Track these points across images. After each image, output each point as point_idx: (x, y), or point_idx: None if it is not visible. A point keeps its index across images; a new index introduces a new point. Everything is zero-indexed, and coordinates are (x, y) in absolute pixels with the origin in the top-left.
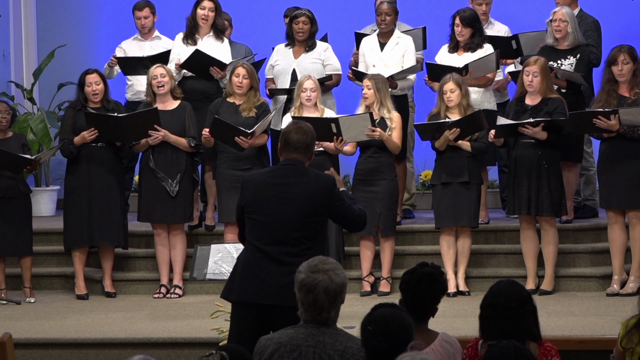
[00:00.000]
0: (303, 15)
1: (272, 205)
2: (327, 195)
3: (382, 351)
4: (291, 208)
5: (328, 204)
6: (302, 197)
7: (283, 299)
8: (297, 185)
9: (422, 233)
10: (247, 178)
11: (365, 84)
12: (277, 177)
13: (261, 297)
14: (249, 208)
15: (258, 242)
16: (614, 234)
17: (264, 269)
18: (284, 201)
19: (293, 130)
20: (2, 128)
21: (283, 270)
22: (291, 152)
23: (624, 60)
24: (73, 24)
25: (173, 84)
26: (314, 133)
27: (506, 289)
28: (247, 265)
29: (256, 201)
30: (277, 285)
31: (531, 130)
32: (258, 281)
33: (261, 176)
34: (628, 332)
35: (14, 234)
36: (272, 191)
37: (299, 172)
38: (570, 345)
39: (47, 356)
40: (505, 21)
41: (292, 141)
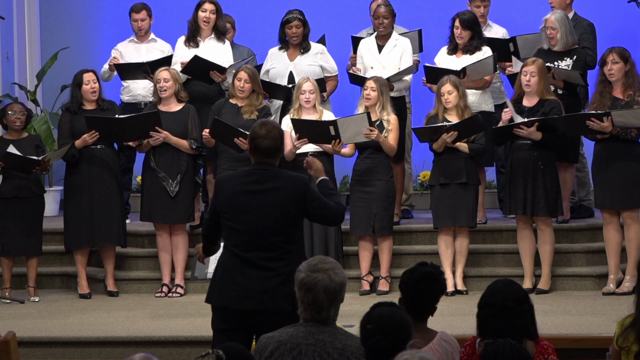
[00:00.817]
0: (295, 20)
1: (249, 213)
2: (302, 197)
3: (382, 349)
4: (268, 214)
5: (304, 205)
6: (278, 202)
7: (264, 304)
8: (273, 191)
9: (420, 233)
10: (220, 182)
11: (370, 85)
12: (252, 183)
13: (242, 302)
14: (225, 215)
15: (236, 249)
16: (609, 234)
17: (244, 275)
18: (261, 208)
19: (262, 136)
20: (16, 128)
21: (263, 275)
22: (262, 157)
23: (613, 60)
24: (76, 27)
25: (177, 87)
26: (282, 132)
27: (503, 288)
28: (227, 271)
29: (232, 208)
30: (258, 290)
31: (526, 131)
32: (238, 287)
33: (235, 182)
34: (624, 331)
35: (24, 234)
36: (248, 199)
37: (273, 176)
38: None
39: (50, 354)
40: (503, 23)
41: (263, 148)
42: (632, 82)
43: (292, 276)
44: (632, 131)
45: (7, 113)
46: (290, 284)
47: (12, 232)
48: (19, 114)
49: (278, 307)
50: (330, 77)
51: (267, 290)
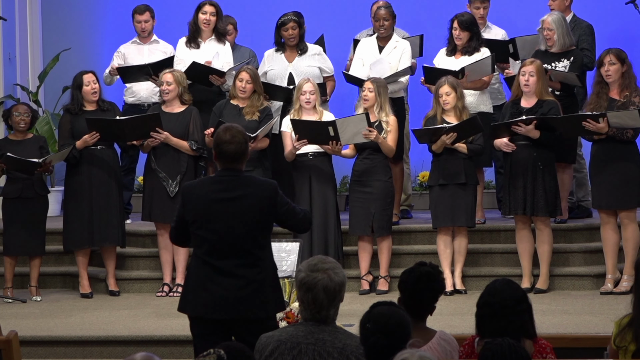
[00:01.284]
0: (291, 21)
1: (220, 221)
2: (272, 203)
3: (381, 348)
4: (239, 222)
5: (274, 211)
6: (248, 209)
7: (240, 313)
8: (242, 198)
9: (419, 233)
10: (188, 191)
11: (367, 86)
12: (220, 191)
13: (217, 312)
14: (194, 224)
15: (207, 257)
16: (607, 233)
17: (217, 284)
18: (231, 216)
19: (227, 141)
20: (20, 129)
21: (237, 284)
22: (228, 163)
23: (610, 61)
24: (77, 28)
25: (180, 90)
26: (246, 137)
27: (502, 287)
28: (199, 280)
29: (202, 218)
30: (233, 299)
31: (524, 129)
32: (212, 296)
33: (203, 190)
34: (621, 330)
35: (28, 234)
36: (218, 207)
37: (242, 182)
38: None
39: (52, 353)
40: (502, 25)
41: (228, 153)
42: (628, 83)
43: (266, 283)
44: (628, 132)
45: (13, 114)
46: (264, 291)
47: (16, 232)
48: (24, 115)
49: (254, 315)
50: (328, 77)
51: (242, 298)
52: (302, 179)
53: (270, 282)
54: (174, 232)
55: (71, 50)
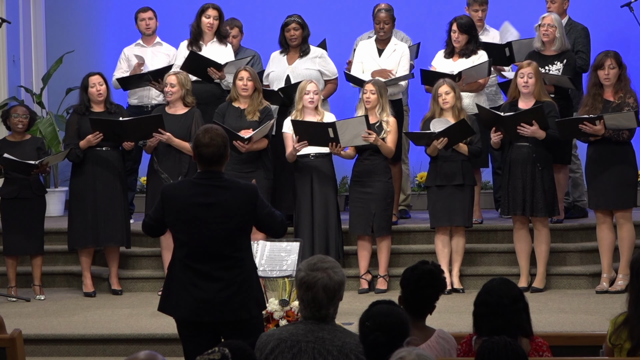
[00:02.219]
0: (293, 22)
1: (200, 225)
2: (251, 206)
3: (380, 346)
4: (219, 226)
5: (254, 214)
6: (228, 213)
7: (223, 315)
8: (222, 202)
9: (417, 232)
10: (167, 194)
11: (369, 88)
12: (199, 195)
13: (200, 315)
14: (174, 227)
15: (188, 260)
16: (603, 233)
17: (198, 287)
18: (211, 220)
19: (205, 144)
20: (18, 131)
21: (218, 286)
22: (206, 165)
23: (610, 65)
24: (81, 31)
25: (184, 92)
26: (226, 138)
27: (499, 286)
28: (180, 284)
29: (181, 222)
30: (215, 302)
31: (530, 130)
32: (194, 300)
33: (183, 193)
34: (616, 329)
35: (26, 233)
36: (198, 211)
37: (222, 186)
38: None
39: (55, 351)
40: (500, 27)
41: (206, 155)
42: (623, 85)
43: (246, 284)
44: (624, 133)
45: (11, 115)
46: (245, 291)
47: (14, 232)
48: (22, 117)
49: (236, 316)
50: (330, 80)
51: (224, 301)
52: (303, 179)
53: (251, 283)
54: (147, 227)
55: (74, 53)
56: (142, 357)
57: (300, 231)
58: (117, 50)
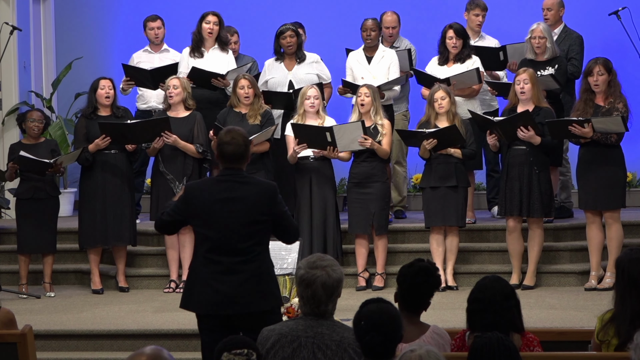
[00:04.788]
0: (288, 30)
1: (221, 220)
2: (269, 201)
3: (376, 345)
4: (239, 220)
5: (272, 211)
6: (248, 208)
7: (242, 307)
8: (242, 198)
9: (413, 232)
10: (191, 190)
11: (364, 91)
12: (221, 191)
13: (220, 308)
14: (195, 222)
15: (209, 254)
16: (592, 233)
17: (218, 281)
18: (232, 214)
19: (226, 142)
20: (34, 135)
21: (237, 279)
22: (228, 162)
23: (599, 72)
24: (89, 38)
25: (185, 95)
26: (247, 138)
27: (491, 284)
28: (201, 278)
29: (203, 217)
30: (236, 295)
31: (527, 134)
32: (214, 293)
33: (206, 190)
34: (604, 325)
35: (40, 232)
36: (220, 206)
37: (242, 182)
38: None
39: (65, 346)
40: (495, 35)
41: (227, 153)
42: (613, 90)
43: (266, 276)
44: (612, 136)
45: (27, 120)
46: (265, 283)
47: (28, 230)
48: (38, 122)
49: (257, 308)
50: (326, 84)
51: (244, 294)
52: (303, 180)
53: (270, 276)
54: (163, 224)
55: (83, 59)
56: (148, 352)
57: (300, 230)
58: (125, 56)
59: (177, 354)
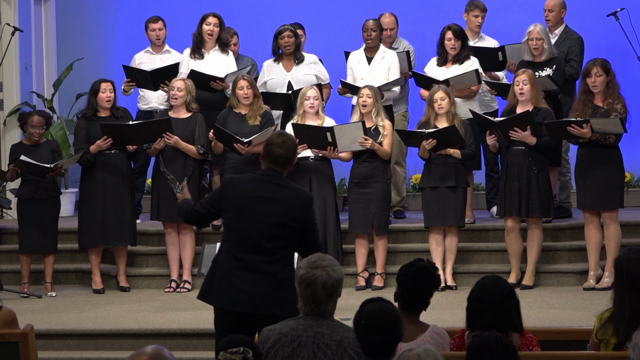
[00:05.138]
0: (286, 30)
1: (251, 217)
2: (302, 210)
3: (377, 344)
4: (268, 221)
5: (302, 219)
6: (279, 211)
7: (257, 308)
8: (277, 200)
9: (413, 232)
10: (229, 183)
11: (365, 92)
12: (257, 189)
13: (236, 305)
14: (226, 215)
15: (234, 250)
16: (590, 233)
17: (240, 278)
18: (263, 214)
19: (277, 144)
20: (34, 141)
21: (258, 279)
22: (272, 164)
23: (597, 73)
24: (90, 39)
25: (189, 98)
26: (296, 145)
27: (491, 284)
28: (223, 273)
29: (236, 209)
30: (253, 294)
31: (521, 134)
32: (234, 289)
33: (244, 185)
34: (602, 325)
35: (41, 232)
36: (253, 203)
37: (280, 185)
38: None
39: (66, 346)
40: (494, 36)
41: (274, 155)
42: (611, 91)
43: (287, 281)
44: (610, 137)
45: (28, 126)
46: (284, 288)
47: (30, 230)
48: (39, 128)
49: (270, 311)
50: (324, 85)
51: (261, 294)
52: (303, 180)
53: (291, 282)
54: (196, 215)
55: (84, 60)
56: (149, 351)
57: None
58: (126, 57)
59: (178, 354)
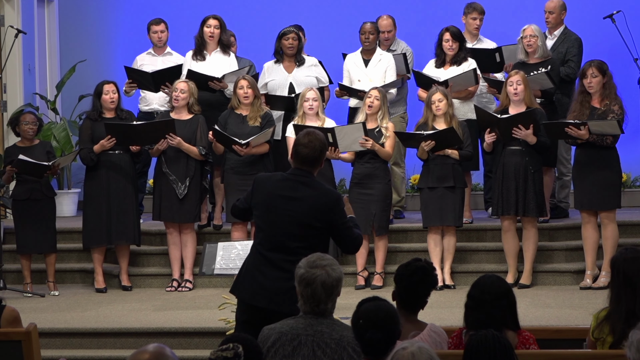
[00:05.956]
0: (292, 32)
1: (277, 216)
2: (328, 211)
3: (376, 342)
4: (293, 221)
5: (328, 219)
6: (305, 211)
7: (274, 304)
8: (302, 199)
9: (411, 232)
10: (260, 181)
11: (374, 94)
12: (285, 188)
13: (255, 299)
14: (256, 211)
15: (260, 247)
16: (587, 232)
17: (262, 273)
18: (288, 213)
19: (303, 144)
20: (28, 137)
21: (279, 276)
22: (299, 163)
23: (593, 74)
24: (92, 41)
25: (192, 100)
26: (324, 144)
27: (487, 282)
28: (249, 268)
29: (263, 208)
30: (271, 290)
31: (523, 132)
32: (255, 284)
33: (272, 184)
34: (599, 323)
35: (39, 233)
36: (279, 201)
37: (307, 184)
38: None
39: (69, 344)
40: (493, 38)
41: (301, 155)
42: (608, 92)
43: None
44: (607, 139)
45: (21, 123)
46: None
47: (27, 231)
48: (31, 124)
49: (286, 309)
50: (324, 87)
51: (279, 291)
52: None
53: None
54: (237, 210)
55: (86, 62)
56: (150, 350)
57: None
58: (128, 59)
59: (179, 352)
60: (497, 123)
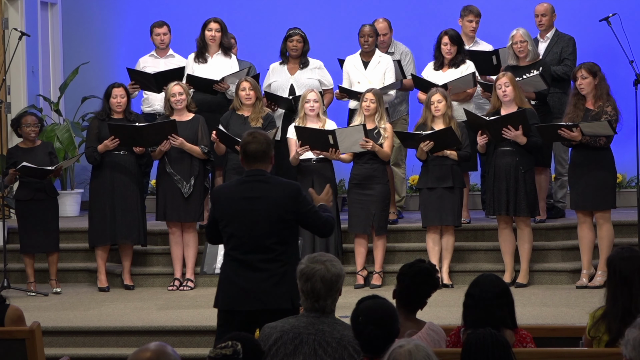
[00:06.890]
0: (297, 35)
1: (244, 218)
2: (292, 202)
3: (375, 339)
4: (261, 219)
5: (295, 210)
6: (269, 207)
7: (264, 303)
8: (265, 197)
9: (410, 232)
10: (216, 193)
11: (369, 97)
12: (245, 191)
13: (243, 303)
14: (222, 222)
15: (234, 252)
16: (583, 232)
17: (242, 277)
18: (254, 213)
19: (249, 141)
20: (30, 139)
21: (260, 276)
22: (252, 162)
23: (582, 75)
24: (95, 43)
25: (189, 100)
26: (269, 140)
27: (485, 281)
28: (226, 275)
29: (228, 216)
30: (257, 291)
31: (513, 133)
32: (238, 289)
33: (230, 191)
34: (595, 322)
35: (42, 233)
36: (243, 205)
37: (265, 182)
38: (543, 333)
39: (72, 343)
40: (489, 40)
41: (250, 152)
42: (601, 94)
43: (288, 276)
44: (601, 139)
45: (22, 125)
46: (286, 283)
47: (30, 232)
48: (33, 126)
49: (277, 305)
50: (327, 89)
51: (265, 290)
52: (305, 181)
53: (293, 275)
54: (207, 230)
55: (89, 64)
56: (152, 348)
57: (301, 230)
58: (131, 61)
59: (181, 350)
60: (486, 125)
